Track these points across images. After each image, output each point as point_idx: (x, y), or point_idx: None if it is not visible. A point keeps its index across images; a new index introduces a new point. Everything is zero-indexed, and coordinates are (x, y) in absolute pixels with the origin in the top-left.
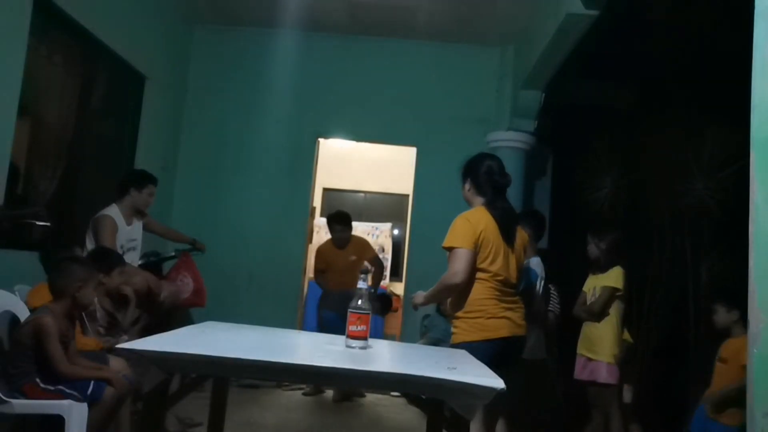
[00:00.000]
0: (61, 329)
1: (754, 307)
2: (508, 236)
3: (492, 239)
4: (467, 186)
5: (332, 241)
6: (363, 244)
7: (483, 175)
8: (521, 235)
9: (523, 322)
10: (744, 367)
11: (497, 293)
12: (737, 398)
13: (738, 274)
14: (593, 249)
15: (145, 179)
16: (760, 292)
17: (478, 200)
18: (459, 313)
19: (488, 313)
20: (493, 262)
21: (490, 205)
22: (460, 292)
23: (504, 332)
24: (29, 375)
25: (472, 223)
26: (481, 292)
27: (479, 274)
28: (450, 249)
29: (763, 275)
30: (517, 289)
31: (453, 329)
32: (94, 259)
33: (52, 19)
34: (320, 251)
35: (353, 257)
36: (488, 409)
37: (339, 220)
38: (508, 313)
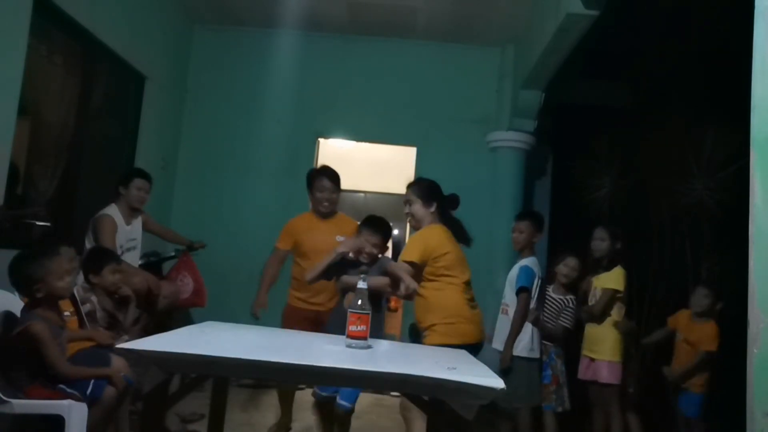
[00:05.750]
0: (53, 330)
1: (754, 307)
2: (463, 244)
3: (455, 250)
4: (431, 207)
5: (313, 208)
6: (356, 228)
7: (445, 198)
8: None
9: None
10: (703, 353)
11: (467, 298)
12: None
13: (737, 274)
14: (601, 245)
15: (129, 174)
16: (760, 292)
17: (433, 217)
18: (436, 319)
19: (465, 318)
20: (462, 271)
21: (445, 221)
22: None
23: (477, 337)
24: (30, 378)
25: (440, 237)
26: (456, 298)
27: (451, 280)
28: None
29: (763, 275)
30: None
31: (428, 332)
32: (88, 259)
33: (52, 19)
34: (291, 224)
35: (340, 237)
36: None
37: (327, 174)
38: (476, 318)
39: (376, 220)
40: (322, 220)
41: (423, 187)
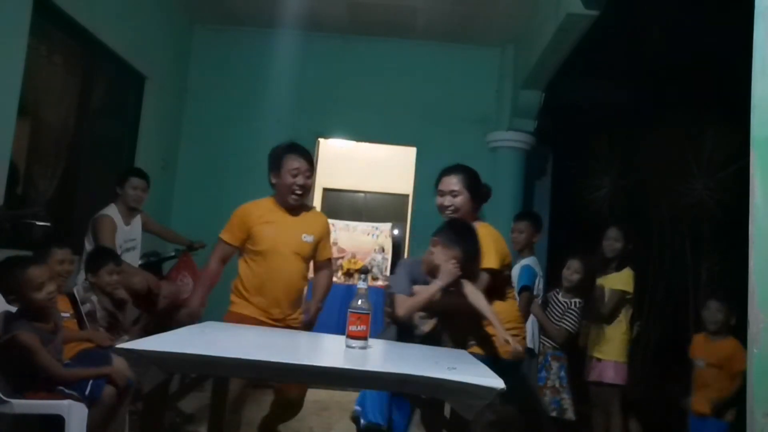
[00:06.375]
0: (43, 336)
1: (754, 307)
2: None
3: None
4: (477, 202)
5: (277, 196)
6: (326, 227)
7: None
8: None
9: None
10: (739, 373)
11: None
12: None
13: (737, 274)
14: (615, 245)
15: (125, 174)
16: (760, 292)
17: (476, 214)
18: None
19: (525, 332)
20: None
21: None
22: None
23: (522, 355)
24: (28, 380)
25: (503, 239)
26: (514, 310)
27: (510, 290)
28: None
29: (763, 275)
30: None
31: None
32: (89, 259)
33: (52, 19)
34: (244, 211)
35: (307, 236)
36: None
37: (299, 151)
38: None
39: (461, 227)
40: (286, 212)
41: (473, 177)
